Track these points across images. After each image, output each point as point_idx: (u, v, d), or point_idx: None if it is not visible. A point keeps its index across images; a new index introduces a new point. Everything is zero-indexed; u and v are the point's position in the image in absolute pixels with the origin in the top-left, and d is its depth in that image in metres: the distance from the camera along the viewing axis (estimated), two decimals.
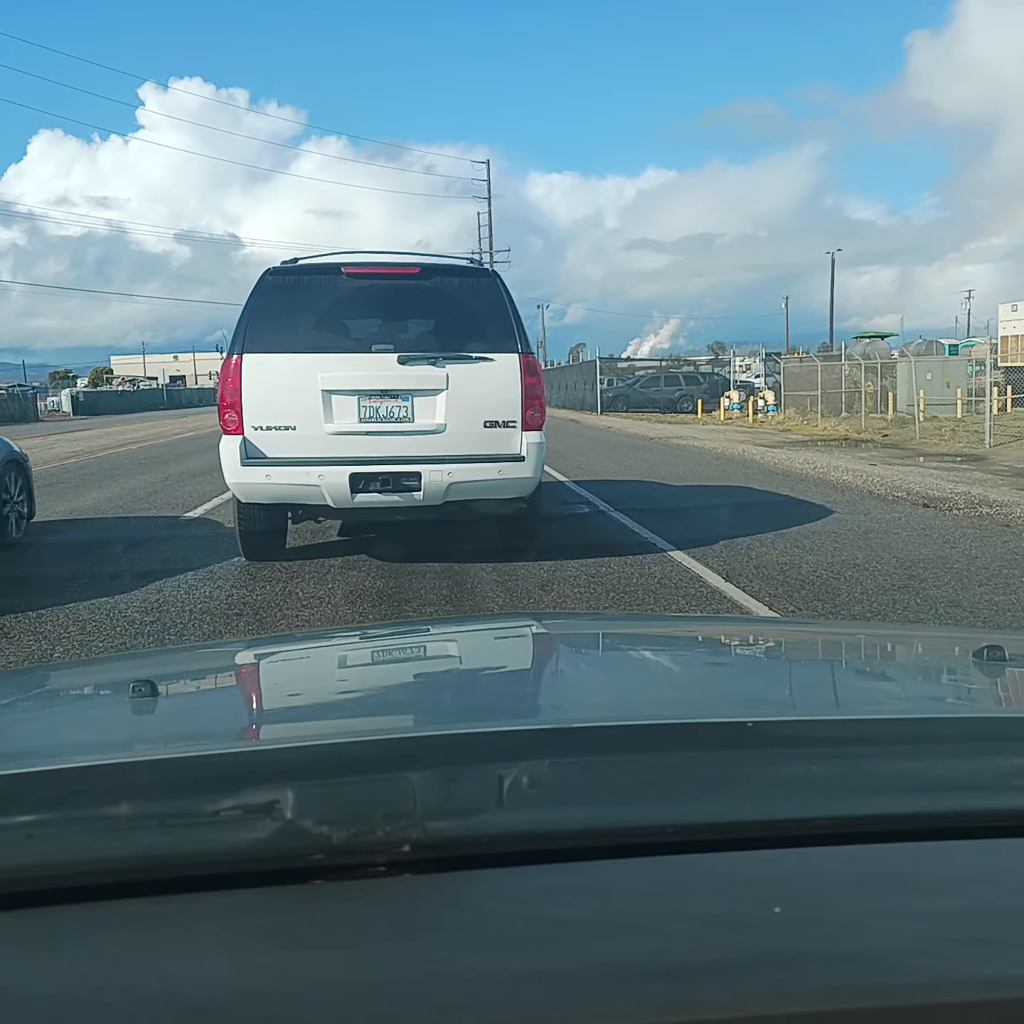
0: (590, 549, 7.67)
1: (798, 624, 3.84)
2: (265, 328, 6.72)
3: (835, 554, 7.44)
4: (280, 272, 7.09)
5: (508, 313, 6.96)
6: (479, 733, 0.99)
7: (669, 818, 0.84)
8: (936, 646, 1.88)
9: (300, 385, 6.63)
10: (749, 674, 1.56)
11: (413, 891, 0.76)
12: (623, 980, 0.63)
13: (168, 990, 0.63)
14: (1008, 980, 0.65)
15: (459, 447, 6.74)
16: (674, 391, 40.59)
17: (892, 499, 10.75)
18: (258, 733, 1.24)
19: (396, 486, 6.67)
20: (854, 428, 24.28)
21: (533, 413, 6.87)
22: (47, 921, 0.72)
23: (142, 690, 1.18)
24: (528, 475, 6.90)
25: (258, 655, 1.85)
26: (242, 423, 6.63)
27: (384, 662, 1.67)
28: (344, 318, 7.23)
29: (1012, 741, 1.01)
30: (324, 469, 6.59)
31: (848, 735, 0.99)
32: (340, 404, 6.67)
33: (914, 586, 6.35)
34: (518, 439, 6.83)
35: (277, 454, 6.64)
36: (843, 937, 0.68)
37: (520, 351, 6.87)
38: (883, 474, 12.94)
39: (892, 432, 22.54)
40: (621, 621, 2.88)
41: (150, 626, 5.48)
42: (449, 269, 7.53)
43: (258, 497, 6.86)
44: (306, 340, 6.79)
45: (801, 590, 6.27)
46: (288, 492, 6.75)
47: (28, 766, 0.90)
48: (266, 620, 5.68)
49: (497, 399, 6.80)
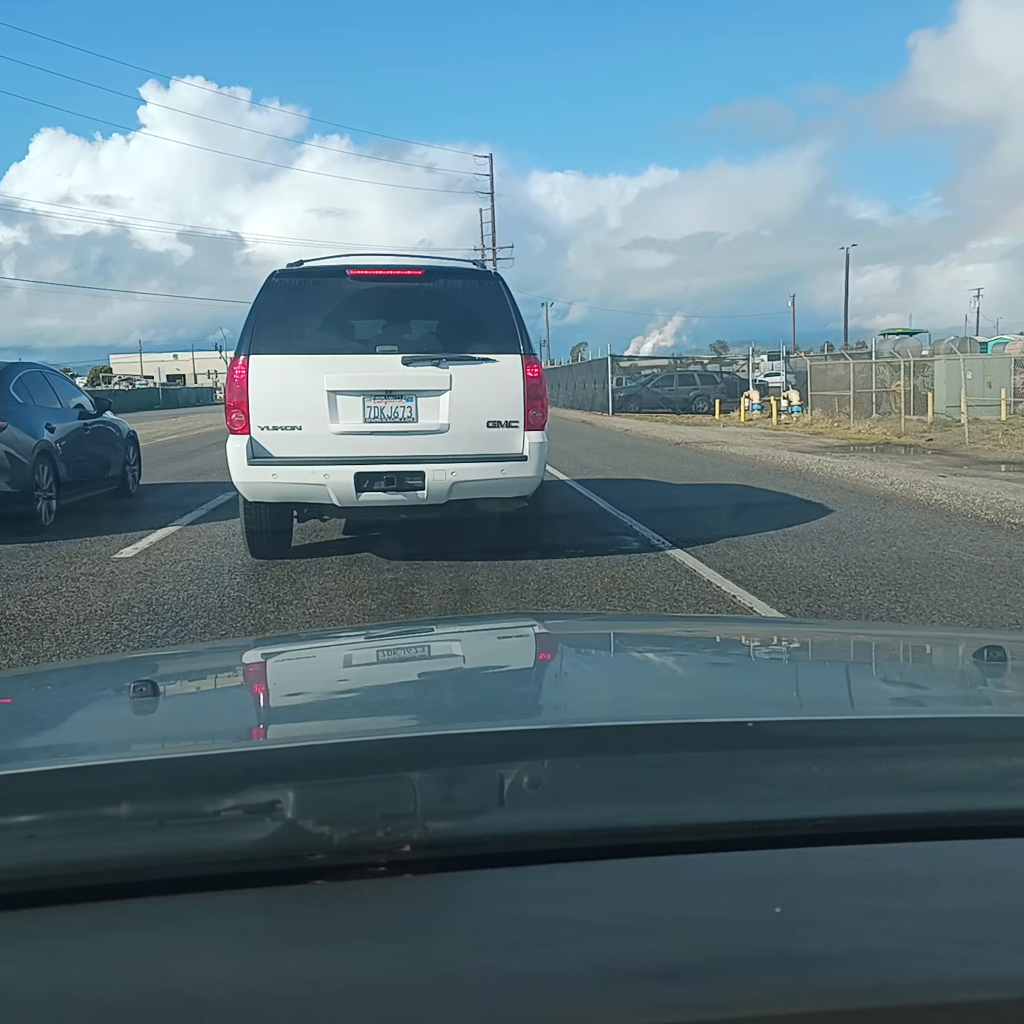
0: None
1: (798, 624, 3.82)
2: (271, 329, 6.83)
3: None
4: (286, 274, 7.17)
5: (510, 315, 7.06)
6: (479, 733, 0.99)
7: (669, 818, 0.84)
8: (936, 646, 1.87)
9: (306, 386, 6.72)
10: (749, 674, 1.55)
11: (413, 891, 0.76)
12: (623, 980, 0.63)
13: (168, 990, 0.64)
14: (1008, 980, 0.65)
15: (462, 447, 6.84)
16: (689, 391, 38.79)
17: (1012, 529, 8.65)
18: (259, 733, 1.23)
19: (400, 485, 6.77)
20: (892, 431, 22.64)
21: (535, 413, 6.95)
22: (47, 921, 0.73)
23: (143, 690, 1.18)
24: (531, 474, 6.99)
25: (259, 655, 1.87)
26: (249, 423, 6.73)
27: (384, 662, 1.67)
28: (349, 320, 7.30)
29: (1012, 741, 1.00)
30: (329, 468, 6.69)
31: (848, 735, 0.99)
32: (345, 404, 6.76)
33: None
34: (520, 439, 6.92)
35: (283, 454, 6.74)
36: (843, 937, 0.68)
37: (522, 352, 6.96)
38: (966, 489, 11.17)
39: (936, 436, 20.87)
40: (622, 621, 2.76)
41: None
42: (452, 271, 7.61)
43: (264, 496, 6.94)
44: (312, 341, 6.91)
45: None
46: (294, 491, 6.85)
47: (28, 766, 0.91)
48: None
49: (499, 399, 6.88)
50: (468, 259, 9.68)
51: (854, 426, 24.77)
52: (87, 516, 9.72)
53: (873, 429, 23.49)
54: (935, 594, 6.22)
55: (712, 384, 39.02)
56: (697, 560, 7.28)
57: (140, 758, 0.97)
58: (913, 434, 21.80)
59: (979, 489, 11.28)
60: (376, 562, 7.31)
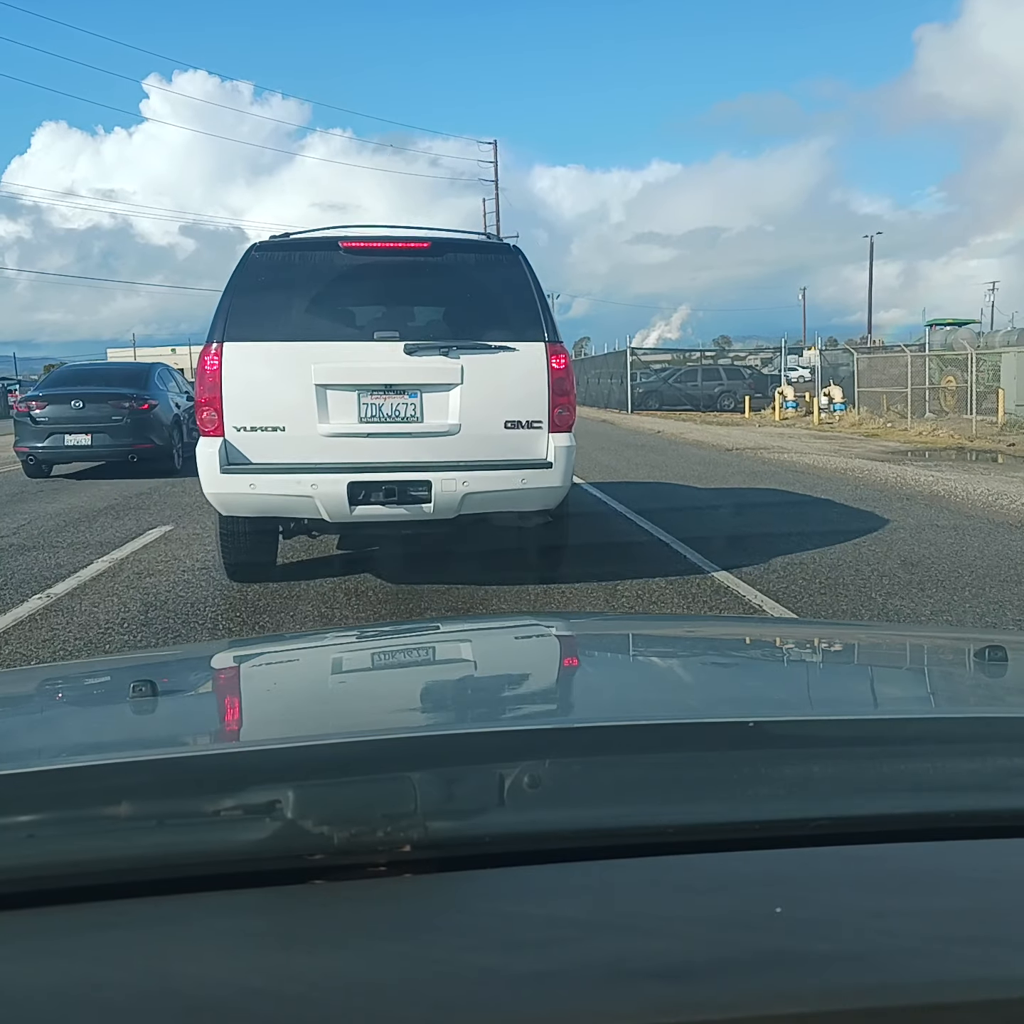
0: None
1: (799, 624, 3.79)
2: (250, 312, 5.76)
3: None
4: (268, 247, 6.06)
5: (532, 294, 5.97)
6: (480, 733, 1.00)
7: (669, 818, 0.84)
8: (937, 646, 1.85)
9: (290, 378, 5.72)
10: (750, 674, 1.54)
11: (413, 891, 0.76)
12: (623, 980, 0.64)
13: (168, 990, 0.64)
14: (1008, 980, 0.65)
15: (476, 451, 5.82)
16: (714, 386, 35.79)
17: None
18: (258, 733, 1.23)
19: (402, 497, 5.76)
20: (959, 433, 19.98)
21: (562, 412, 5.90)
22: (47, 921, 0.73)
23: (143, 690, 1.18)
24: (556, 484, 5.94)
25: (259, 655, 1.85)
26: (222, 423, 5.72)
27: (385, 662, 1.66)
28: (342, 301, 6.18)
29: (1012, 741, 1.00)
30: (318, 477, 5.70)
31: (848, 735, 0.98)
32: (337, 401, 5.77)
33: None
34: (544, 442, 5.89)
35: (263, 460, 5.75)
36: (843, 937, 0.68)
37: (546, 339, 5.88)
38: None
39: (1017, 440, 18.26)
40: (622, 621, 2.70)
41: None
42: (463, 244, 6.43)
43: (241, 510, 5.95)
44: (297, 326, 5.84)
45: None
46: (276, 504, 5.86)
47: (28, 766, 0.91)
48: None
49: (520, 395, 5.85)
50: (480, 231, 8.43)
51: (912, 427, 22.16)
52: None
53: (936, 431, 20.75)
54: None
55: (739, 379, 36.05)
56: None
57: (140, 758, 0.97)
58: (987, 438, 19.11)
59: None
60: (376, 591, 6.29)
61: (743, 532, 8.58)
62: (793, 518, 9.38)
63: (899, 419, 23.57)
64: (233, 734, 1.20)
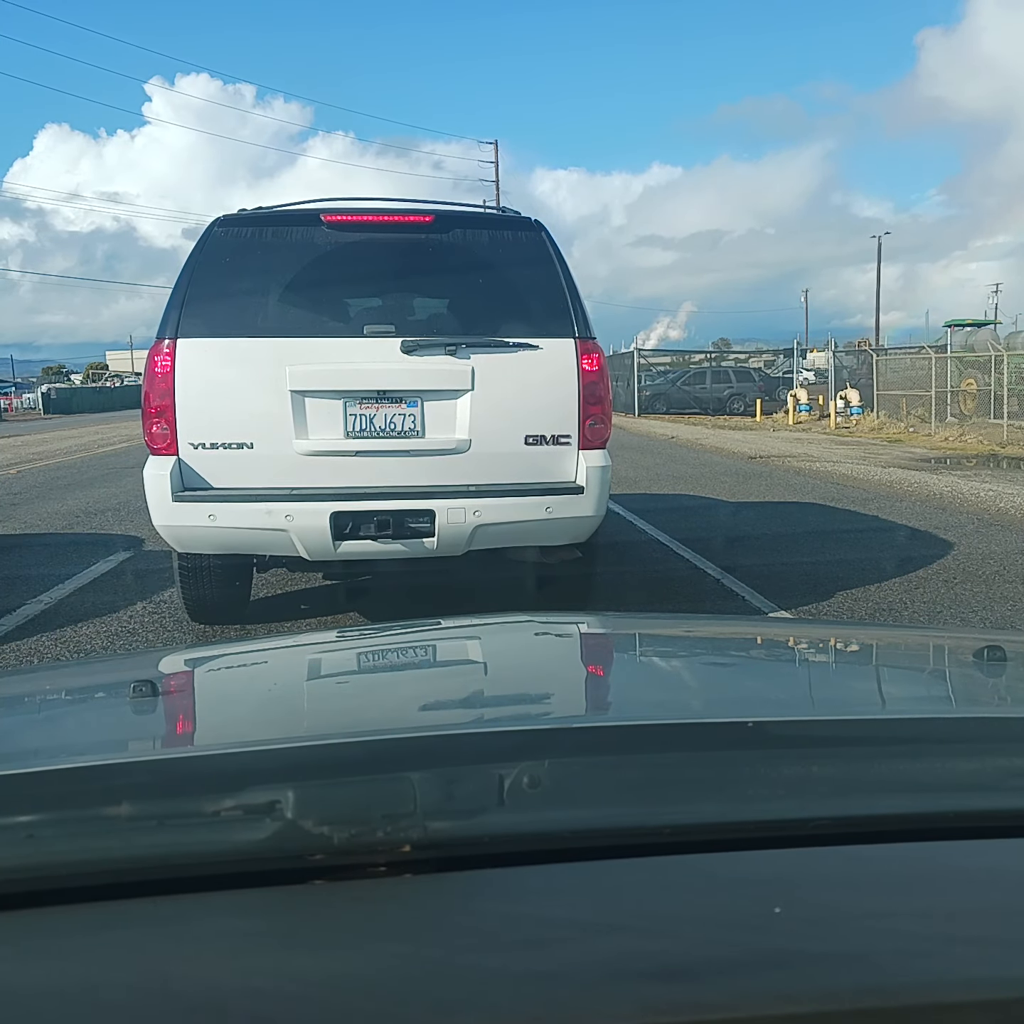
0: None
1: (799, 624, 3.76)
2: (210, 301, 4.61)
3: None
4: (234, 222, 4.87)
5: (560, 280, 4.82)
6: (480, 733, 1.00)
7: (669, 818, 0.84)
8: (936, 646, 1.84)
9: (260, 383, 4.56)
10: (749, 674, 1.53)
11: (413, 891, 0.76)
12: (623, 980, 0.63)
13: (168, 990, 0.64)
14: (1008, 980, 0.65)
15: (489, 474, 4.67)
16: (723, 389, 34.80)
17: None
18: (258, 733, 1.22)
19: (398, 531, 4.56)
20: (989, 439, 18.99)
21: (594, 424, 4.75)
22: (47, 921, 0.72)
23: (143, 690, 1.18)
24: (588, 513, 4.76)
25: (259, 655, 1.83)
26: (175, 439, 4.53)
27: (385, 661, 1.65)
28: (325, 288, 4.91)
29: (1012, 741, 1.00)
30: (294, 507, 4.53)
31: (848, 735, 0.98)
32: (317, 411, 4.59)
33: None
34: (574, 461, 4.74)
35: (226, 484, 4.58)
36: (843, 937, 0.68)
37: (576, 335, 4.73)
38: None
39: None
40: (621, 620, 2.72)
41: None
42: (476, 218, 5.31)
43: (199, 546, 4.76)
44: (269, 319, 4.72)
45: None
46: (241, 540, 4.65)
47: (28, 766, 0.91)
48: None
49: (544, 404, 4.72)
50: (493, 206, 7.17)
51: (936, 432, 21.17)
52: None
53: (964, 436, 19.76)
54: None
55: (749, 382, 35.03)
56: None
57: (140, 758, 0.97)
58: (1019, 443, 18.21)
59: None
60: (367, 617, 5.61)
61: (821, 571, 6.86)
62: (863, 547, 7.84)
63: (920, 423, 22.63)
64: (233, 734, 1.19)
